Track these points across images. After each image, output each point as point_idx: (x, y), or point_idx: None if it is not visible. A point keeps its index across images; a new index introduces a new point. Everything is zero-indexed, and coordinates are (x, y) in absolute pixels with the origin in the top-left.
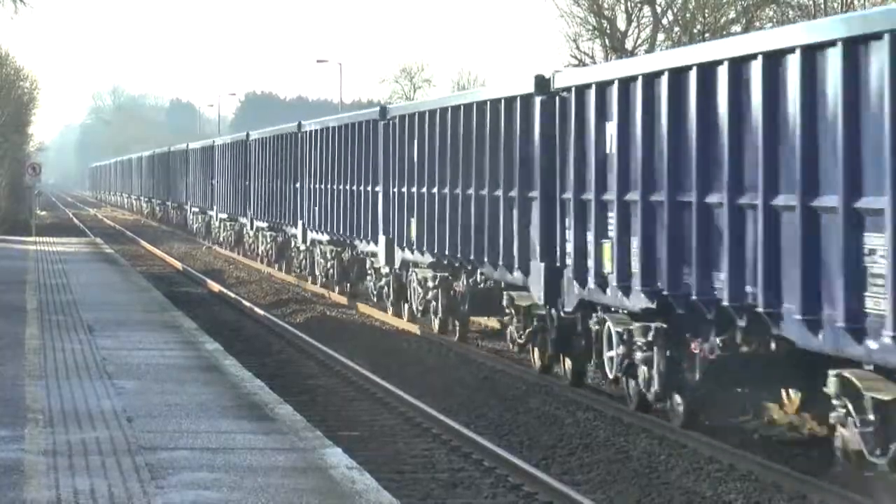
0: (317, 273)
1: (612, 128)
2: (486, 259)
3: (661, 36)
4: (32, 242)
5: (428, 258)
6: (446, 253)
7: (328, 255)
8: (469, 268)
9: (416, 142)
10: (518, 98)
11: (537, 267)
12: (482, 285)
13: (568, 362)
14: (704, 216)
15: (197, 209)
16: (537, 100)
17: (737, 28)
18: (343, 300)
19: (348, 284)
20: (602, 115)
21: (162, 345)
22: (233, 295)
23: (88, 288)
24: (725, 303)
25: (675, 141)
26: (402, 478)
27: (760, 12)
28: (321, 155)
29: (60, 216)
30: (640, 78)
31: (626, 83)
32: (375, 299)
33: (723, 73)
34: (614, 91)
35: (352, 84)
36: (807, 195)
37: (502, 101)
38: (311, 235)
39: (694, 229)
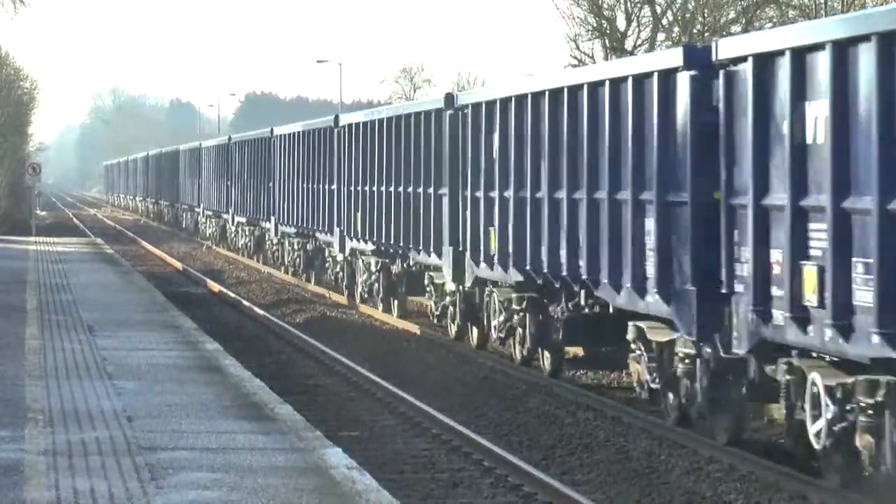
0: (357, 288)
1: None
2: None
3: (661, 36)
4: (32, 242)
5: (515, 276)
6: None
7: (372, 268)
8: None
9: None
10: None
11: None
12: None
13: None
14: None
15: (210, 213)
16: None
17: (736, 28)
18: (343, 300)
19: (394, 300)
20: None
21: (162, 345)
22: (233, 295)
23: (88, 288)
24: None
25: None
26: (402, 478)
27: (760, 12)
28: (366, 152)
29: (60, 216)
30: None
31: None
32: (437, 320)
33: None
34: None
35: (352, 84)
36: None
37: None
38: (350, 244)
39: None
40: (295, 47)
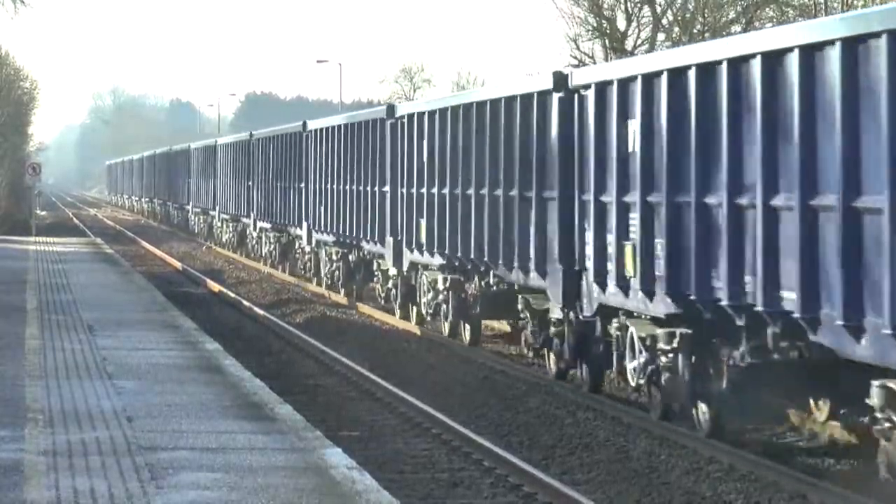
0: (424, 309)
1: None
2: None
3: (661, 36)
4: (32, 242)
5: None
6: None
7: (439, 285)
8: None
9: None
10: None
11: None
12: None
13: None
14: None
15: (227, 217)
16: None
17: (737, 28)
18: (343, 300)
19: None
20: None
21: (162, 345)
22: (233, 295)
23: (88, 288)
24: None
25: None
26: (402, 478)
27: (760, 12)
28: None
29: (60, 216)
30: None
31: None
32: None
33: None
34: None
35: (352, 84)
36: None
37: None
38: (409, 256)
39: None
40: (295, 47)
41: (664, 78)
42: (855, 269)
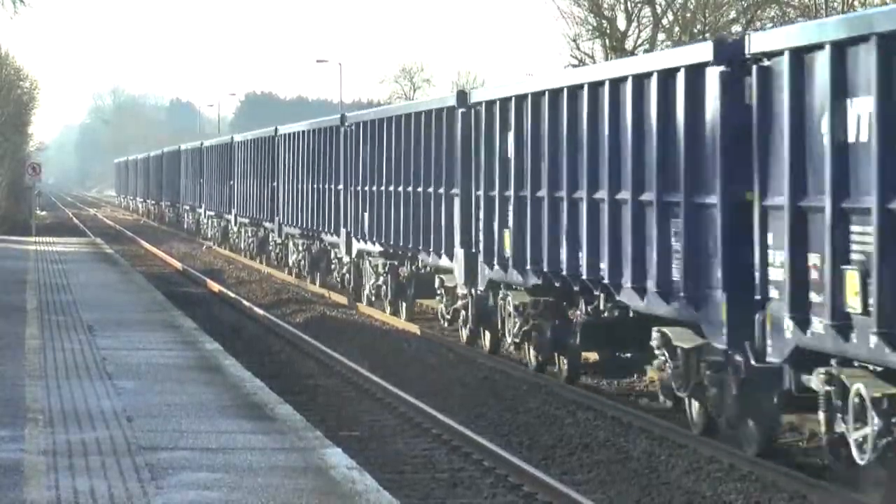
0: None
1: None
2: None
3: (661, 36)
4: (32, 242)
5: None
6: None
7: (525, 309)
8: None
9: None
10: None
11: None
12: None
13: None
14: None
15: (246, 220)
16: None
17: (737, 28)
18: (343, 300)
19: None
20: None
21: (162, 345)
22: (233, 295)
23: (88, 288)
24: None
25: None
26: (402, 478)
27: (761, 12)
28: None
29: (60, 216)
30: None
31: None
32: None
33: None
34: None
35: (352, 84)
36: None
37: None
38: (488, 273)
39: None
40: (295, 47)
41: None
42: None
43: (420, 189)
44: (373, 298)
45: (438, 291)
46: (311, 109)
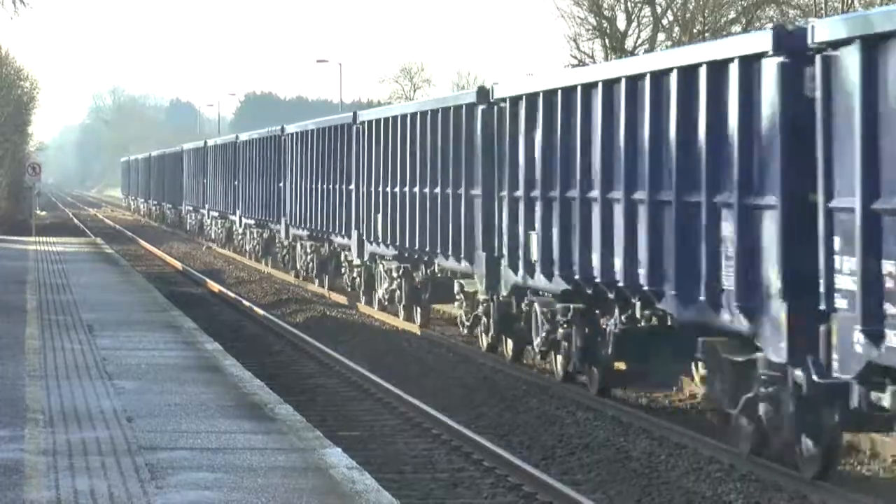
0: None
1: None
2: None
3: (661, 36)
4: (32, 242)
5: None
6: None
7: (554, 316)
8: None
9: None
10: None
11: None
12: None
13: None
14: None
15: (252, 221)
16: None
17: (737, 28)
18: (343, 300)
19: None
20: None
21: (162, 345)
22: (232, 295)
23: (88, 288)
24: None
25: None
26: (402, 478)
27: (760, 12)
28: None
29: (60, 216)
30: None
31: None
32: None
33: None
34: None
35: (352, 84)
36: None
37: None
38: (512, 278)
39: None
40: (295, 47)
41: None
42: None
43: (437, 190)
44: (385, 303)
45: (457, 297)
46: (312, 109)
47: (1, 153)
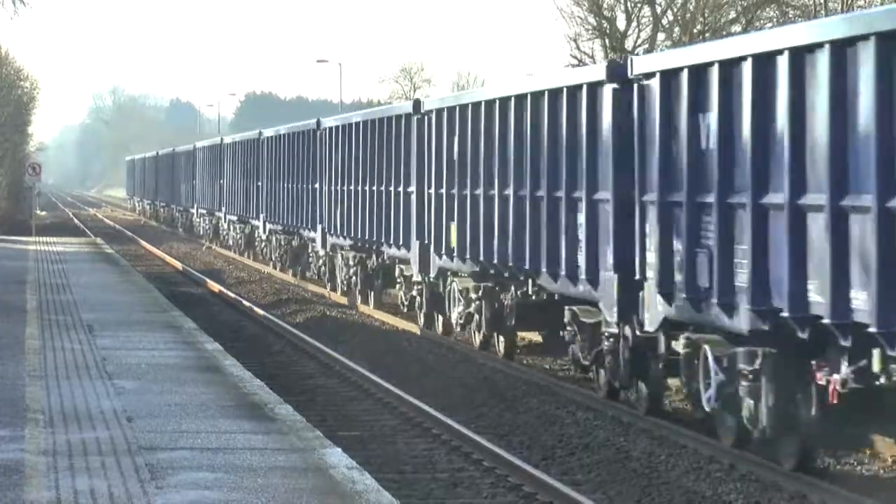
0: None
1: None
2: None
3: (661, 36)
4: (32, 242)
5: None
6: None
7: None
8: None
9: None
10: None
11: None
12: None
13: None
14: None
15: (278, 228)
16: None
17: (737, 28)
18: (343, 300)
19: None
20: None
21: (162, 345)
22: (233, 295)
23: (88, 288)
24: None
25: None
26: (403, 478)
27: (761, 12)
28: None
29: (60, 216)
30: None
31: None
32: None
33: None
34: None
35: (352, 84)
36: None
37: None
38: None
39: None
40: (295, 47)
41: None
42: None
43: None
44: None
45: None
46: (311, 109)
47: (1, 153)
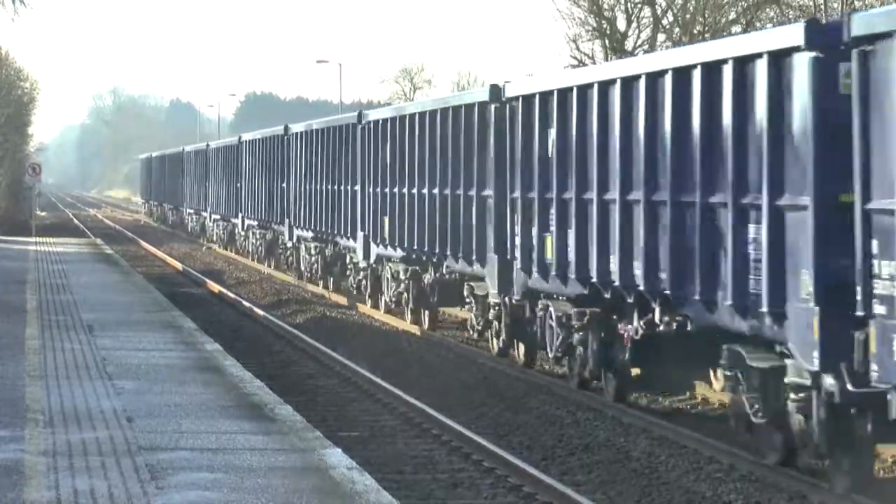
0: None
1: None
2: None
3: (661, 36)
4: (32, 243)
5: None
6: None
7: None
8: None
9: None
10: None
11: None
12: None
13: (521, 346)
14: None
15: (309, 235)
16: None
17: (737, 28)
18: (343, 300)
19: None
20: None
21: (162, 345)
22: (233, 295)
23: (88, 288)
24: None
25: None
26: (403, 478)
27: (761, 13)
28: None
29: (60, 216)
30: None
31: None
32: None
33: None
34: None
35: (352, 84)
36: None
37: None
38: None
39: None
40: (295, 47)
41: (573, 93)
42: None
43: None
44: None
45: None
46: (312, 110)
47: (1, 153)
